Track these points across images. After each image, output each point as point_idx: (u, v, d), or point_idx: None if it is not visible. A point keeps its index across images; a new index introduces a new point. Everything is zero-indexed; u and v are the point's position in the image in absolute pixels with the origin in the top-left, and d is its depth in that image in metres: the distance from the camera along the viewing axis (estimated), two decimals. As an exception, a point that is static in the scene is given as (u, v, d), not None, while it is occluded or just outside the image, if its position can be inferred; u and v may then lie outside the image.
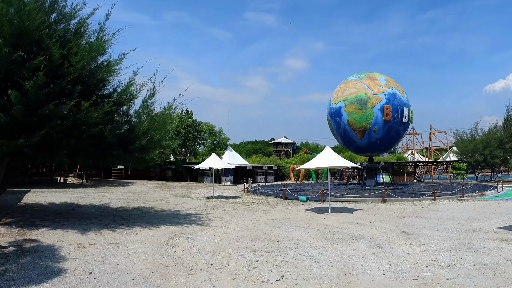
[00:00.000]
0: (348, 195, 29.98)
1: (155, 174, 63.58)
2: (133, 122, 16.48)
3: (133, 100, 16.95)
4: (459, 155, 58.24)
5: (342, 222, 16.47)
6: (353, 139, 39.09)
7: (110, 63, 15.80)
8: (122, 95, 16.31)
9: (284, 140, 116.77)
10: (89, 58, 14.27)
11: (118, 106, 16.18)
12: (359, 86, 38.51)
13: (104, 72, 15.38)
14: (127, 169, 59.61)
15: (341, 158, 20.35)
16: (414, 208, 22.17)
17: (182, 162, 60.91)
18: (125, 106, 17.02)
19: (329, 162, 19.36)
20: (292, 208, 22.88)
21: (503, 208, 21.03)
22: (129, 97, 16.65)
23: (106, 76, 15.81)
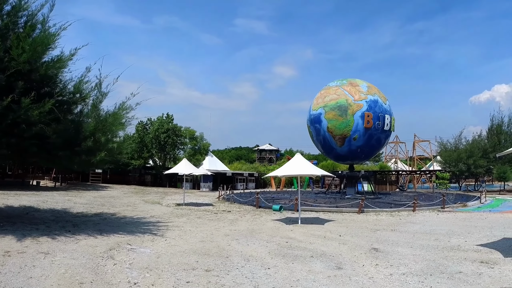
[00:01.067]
0: (324, 204, 28.69)
1: (134, 179, 62.21)
2: (80, 122, 15.11)
3: (86, 99, 15.66)
4: (443, 165, 57.77)
5: (309, 235, 15.13)
6: (333, 147, 37.79)
7: (61, 59, 14.57)
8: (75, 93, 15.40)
9: (268, 147, 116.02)
10: (33, 52, 12.92)
11: (67, 105, 14.93)
12: (340, 92, 37.29)
13: (50, 68, 14.10)
14: (106, 173, 58.32)
15: (311, 165, 18.96)
16: (391, 220, 20.85)
17: (161, 167, 59.43)
18: (76, 106, 15.74)
19: (298, 170, 18.01)
20: (262, 217, 21.68)
21: (486, 221, 19.71)
22: (81, 96, 15.43)
23: (54, 72, 14.54)
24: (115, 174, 59.31)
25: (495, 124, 58.31)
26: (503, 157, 52.11)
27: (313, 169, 18.35)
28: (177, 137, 60.20)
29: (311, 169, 18.22)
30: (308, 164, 18.54)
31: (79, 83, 15.39)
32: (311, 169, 18.14)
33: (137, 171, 62.00)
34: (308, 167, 18.14)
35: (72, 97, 15.35)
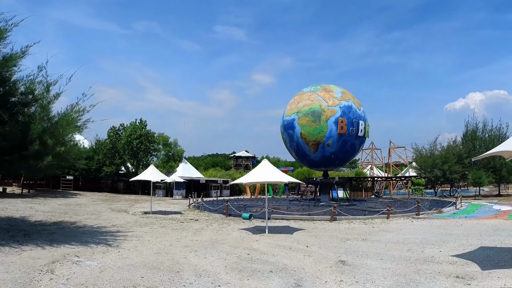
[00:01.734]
0: (297, 212, 27.77)
1: (107, 186, 60.49)
2: (28, 124, 13.98)
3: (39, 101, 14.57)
4: (418, 170, 57.53)
5: (274, 246, 14.12)
6: (307, 153, 36.93)
7: (12, 57, 13.61)
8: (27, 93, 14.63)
9: (244, 154, 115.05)
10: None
11: (17, 106, 13.86)
12: (313, 98, 36.51)
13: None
14: (78, 179, 56.46)
15: (278, 172, 17.96)
16: (364, 228, 19.94)
17: (134, 174, 57.95)
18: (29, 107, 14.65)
19: (265, 176, 17.00)
20: (230, 226, 20.73)
21: (461, 228, 18.87)
22: (34, 97, 14.39)
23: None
24: (87, 181, 57.54)
25: (470, 130, 58.48)
26: (478, 161, 52.01)
27: (280, 176, 17.32)
28: (150, 143, 58.73)
29: (278, 175, 17.22)
30: (274, 170, 17.55)
31: (29, 83, 14.43)
32: (277, 176, 17.14)
33: (109, 178, 60.36)
34: (275, 174, 17.16)
35: (24, 98, 14.54)
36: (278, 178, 17.03)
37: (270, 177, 16.91)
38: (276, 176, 17.02)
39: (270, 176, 16.93)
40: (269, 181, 17.17)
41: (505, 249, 12.93)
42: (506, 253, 12.17)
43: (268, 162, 18.22)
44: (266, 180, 17.04)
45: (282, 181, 17.17)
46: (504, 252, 12.25)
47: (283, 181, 17.15)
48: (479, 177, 49.98)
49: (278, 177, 17.05)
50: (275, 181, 17.13)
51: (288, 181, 17.37)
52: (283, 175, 18.08)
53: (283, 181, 17.15)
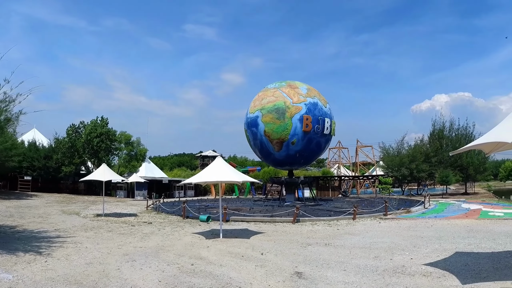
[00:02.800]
0: (260, 213, 26.29)
1: (67, 186, 57.56)
2: None
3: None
4: (385, 169, 56.82)
5: (225, 254, 12.51)
6: (271, 152, 35.34)
7: None
8: None
9: (211, 153, 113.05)
10: None
11: None
12: (278, 95, 34.96)
13: None
14: (37, 180, 53.64)
15: (233, 171, 16.32)
16: (328, 230, 18.42)
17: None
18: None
19: (217, 175, 15.35)
20: (183, 230, 19.08)
21: (432, 230, 17.54)
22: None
23: None
24: (46, 182, 54.74)
25: (437, 129, 58.38)
26: (445, 160, 51.58)
27: (234, 175, 15.63)
28: (111, 141, 56.28)
29: (231, 174, 15.52)
30: (228, 169, 15.89)
31: None
32: (231, 175, 15.45)
33: (70, 179, 57.66)
34: (229, 173, 15.49)
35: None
36: (231, 177, 15.34)
37: (223, 176, 15.25)
38: (229, 175, 15.35)
39: (223, 175, 15.27)
40: (221, 180, 15.50)
41: (484, 254, 11.51)
42: (486, 260, 10.73)
43: (222, 160, 16.55)
44: (218, 180, 15.37)
45: (236, 180, 15.44)
46: (484, 259, 10.80)
47: (237, 180, 15.42)
48: (446, 175, 49.74)
49: (231, 176, 15.37)
50: (228, 180, 15.46)
51: (242, 180, 15.65)
52: (237, 174, 16.36)
53: (236, 180, 15.42)
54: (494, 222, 20.06)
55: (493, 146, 8.47)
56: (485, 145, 8.35)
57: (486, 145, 8.20)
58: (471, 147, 8.39)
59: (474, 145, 7.97)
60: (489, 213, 24.55)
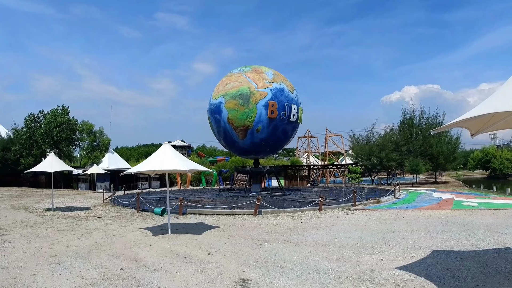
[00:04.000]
0: (221, 205, 24.53)
1: (28, 179, 54.71)
2: None
3: None
4: (355, 158, 55.71)
5: (166, 254, 10.75)
6: (235, 140, 33.43)
7: None
8: None
9: (179, 143, 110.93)
10: None
11: None
12: (242, 80, 33.04)
13: None
14: (-4, 174, 50.76)
15: (180, 159, 14.36)
16: (291, 223, 16.71)
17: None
18: None
19: (160, 164, 13.41)
20: (132, 225, 17.42)
21: (404, 223, 15.95)
22: None
23: None
24: (5, 175, 51.78)
25: (407, 118, 57.50)
26: (414, 149, 50.65)
27: (180, 163, 13.65)
28: (72, 131, 53.62)
29: (177, 163, 13.56)
30: (175, 157, 13.97)
31: None
32: (176, 163, 13.49)
33: (31, 171, 54.91)
34: (173, 161, 13.54)
35: None
36: (176, 166, 13.36)
37: (167, 165, 13.32)
38: (173, 164, 13.38)
39: (166, 164, 13.34)
40: (164, 169, 13.55)
41: (466, 254, 9.86)
42: (470, 261, 9.06)
43: (169, 147, 14.59)
44: (161, 169, 13.42)
45: (181, 169, 13.47)
46: (467, 260, 9.13)
47: (182, 169, 13.45)
48: (416, 164, 48.89)
49: (176, 165, 13.37)
50: (171, 169, 13.49)
51: (188, 169, 13.66)
52: (184, 162, 14.35)
53: (181, 169, 13.45)
54: (470, 214, 18.57)
55: (483, 123, 6.83)
56: (474, 121, 6.70)
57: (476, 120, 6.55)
58: (456, 123, 6.70)
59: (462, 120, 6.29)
60: (463, 203, 23.23)
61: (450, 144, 54.75)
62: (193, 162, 15.87)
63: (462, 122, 6.50)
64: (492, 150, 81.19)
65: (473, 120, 6.41)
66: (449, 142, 54.93)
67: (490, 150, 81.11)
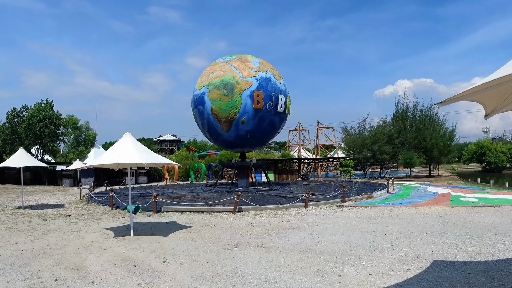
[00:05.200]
0: (203, 201, 22.80)
1: (12, 176, 52.59)
2: None
3: None
4: (347, 151, 54.02)
5: (116, 262, 9.08)
6: (219, 132, 31.55)
7: None
8: None
9: (169, 138, 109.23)
10: None
11: None
12: (226, 69, 31.15)
13: None
14: (-20, 171, 48.65)
15: (143, 150, 12.43)
16: (271, 223, 14.88)
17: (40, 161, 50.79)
18: None
19: (117, 157, 11.53)
20: (97, 225, 15.56)
21: (398, 222, 14.13)
22: None
23: None
24: (-10, 173, 49.73)
25: (400, 110, 55.90)
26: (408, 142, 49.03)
27: (139, 157, 11.69)
28: (55, 126, 51.59)
29: (136, 156, 11.62)
30: (135, 149, 12.00)
31: None
32: (134, 156, 11.54)
33: (14, 168, 52.75)
34: (132, 154, 11.64)
35: None
36: (133, 159, 11.42)
37: (125, 158, 11.43)
38: (132, 157, 11.49)
39: (125, 157, 11.45)
40: (119, 162, 11.66)
41: (475, 266, 7.96)
42: (481, 277, 7.14)
43: (131, 138, 12.66)
44: (118, 162, 11.53)
45: (138, 162, 11.49)
46: (477, 276, 7.22)
47: (140, 162, 11.48)
48: (410, 157, 47.31)
49: (133, 158, 11.42)
50: (130, 162, 11.60)
51: (147, 162, 11.78)
52: (145, 155, 12.38)
53: (139, 162, 11.47)
54: (470, 211, 16.66)
55: (504, 96, 5.01)
56: (491, 94, 4.87)
57: (495, 92, 4.73)
58: (470, 93, 4.84)
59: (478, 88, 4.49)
60: (461, 199, 21.49)
61: (445, 136, 53.39)
62: (156, 155, 13.86)
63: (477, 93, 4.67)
64: (487, 143, 79.84)
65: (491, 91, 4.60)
66: (444, 135, 53.56)
67: (485, 143, 79.75)
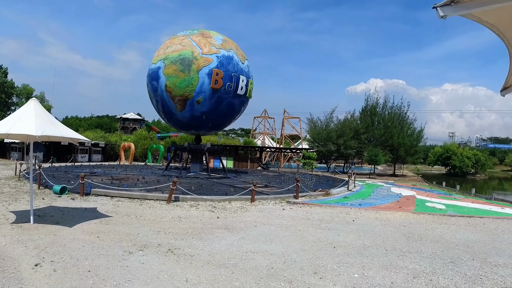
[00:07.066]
0: (143, 185, 20.46)
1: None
2: None
3: None
4: (311, 143, 52.02)
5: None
6: (173, 111, 28.77)
7: None
8: None
9: (133, 116, 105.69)
10: None
11: None
12: (186, 43, 28.37)
13: None
14: None
15: (45, 120, 9.75)
16: (204, 218, 12.61)
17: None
18: None
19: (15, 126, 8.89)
20: (9, 206, 13.38)
21: (353, 229, 11.87)
22: None
23: None
24: None
25: (369, 105, 54.42)
26: (375, 139, 47.39)
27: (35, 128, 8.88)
28: (7, 95, 48.21)
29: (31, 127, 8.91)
30: (37, 118, 9.38)
31: None
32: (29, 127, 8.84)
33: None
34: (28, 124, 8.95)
35: None
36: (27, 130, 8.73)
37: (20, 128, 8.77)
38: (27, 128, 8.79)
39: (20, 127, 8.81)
40: (15, 133, 9.05)
41: None
42: None
43: (36, 104, 9.97)
44: (10, 133, 8.92)
45: (32, 134, 8.86)
46: None
47: (33, 134, 8.83)
48: (375, 154, 45.81)
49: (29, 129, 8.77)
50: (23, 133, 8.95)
51: (43, 135, 9.06)
52: (46, 126, 9.66)
53: (33, 134, 8.86)
54: (439, 221, 14.33)
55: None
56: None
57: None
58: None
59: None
60: (427, 204, 19.44)
61: (413, 136, 52.25)
62: (63, 129, 11.03)
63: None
64: (454, 147, 79.33)
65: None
66: (412, 135, 52.42)
67: (451, 146, 79.26)
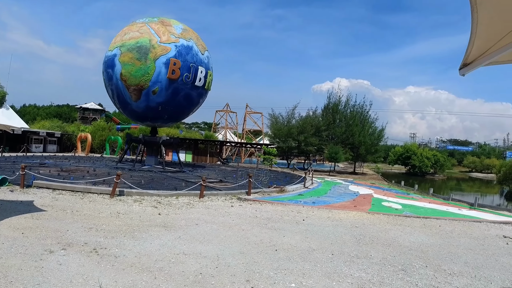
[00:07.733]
0: (91, 178, 19.48)
1: None
2: None
3: None
4: (272, 139, 51.50)
5: None
6: (127, 101, 27.49)
7: None
8: None
9: (93, 106, 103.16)
10: None
11: None
12: (144, 30, 27.22)
13: None
14: None
15: None
16: (145, 214, 11.73)
17: None
18: None
19: None
20: None
21: (301, 229, 11.14)
22: None
23: None
24: None
25: (332, 103, 54.48)
26: (336, 137, 47.17)
27: None
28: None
29: None
30: None
31: None
32: None
33: None
34: None
35: None
36: None
37: None
38: None
39: None
40: None
41: None
42: None
43: None
44: None
45: None
46: None
47: None
48: (336, 152, 45.57)
49: None
50: None
51: None
52: None
53: None
54: (393, 222, 13.69)
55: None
56: None
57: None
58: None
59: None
60: (383, 203, 18.93)
61: (374, 135, 52.57)
62: None
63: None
64: (414, 147, 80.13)
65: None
66: (373, 134, 52.74)
67: (411, 146, 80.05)
